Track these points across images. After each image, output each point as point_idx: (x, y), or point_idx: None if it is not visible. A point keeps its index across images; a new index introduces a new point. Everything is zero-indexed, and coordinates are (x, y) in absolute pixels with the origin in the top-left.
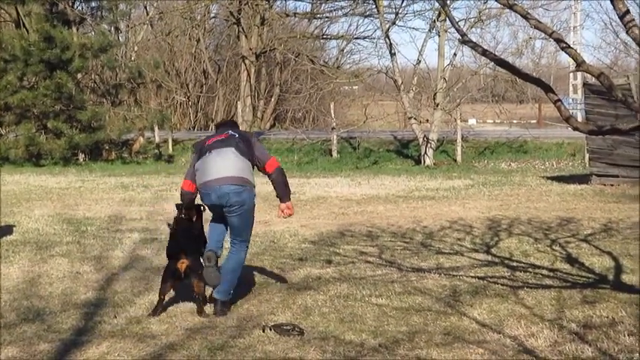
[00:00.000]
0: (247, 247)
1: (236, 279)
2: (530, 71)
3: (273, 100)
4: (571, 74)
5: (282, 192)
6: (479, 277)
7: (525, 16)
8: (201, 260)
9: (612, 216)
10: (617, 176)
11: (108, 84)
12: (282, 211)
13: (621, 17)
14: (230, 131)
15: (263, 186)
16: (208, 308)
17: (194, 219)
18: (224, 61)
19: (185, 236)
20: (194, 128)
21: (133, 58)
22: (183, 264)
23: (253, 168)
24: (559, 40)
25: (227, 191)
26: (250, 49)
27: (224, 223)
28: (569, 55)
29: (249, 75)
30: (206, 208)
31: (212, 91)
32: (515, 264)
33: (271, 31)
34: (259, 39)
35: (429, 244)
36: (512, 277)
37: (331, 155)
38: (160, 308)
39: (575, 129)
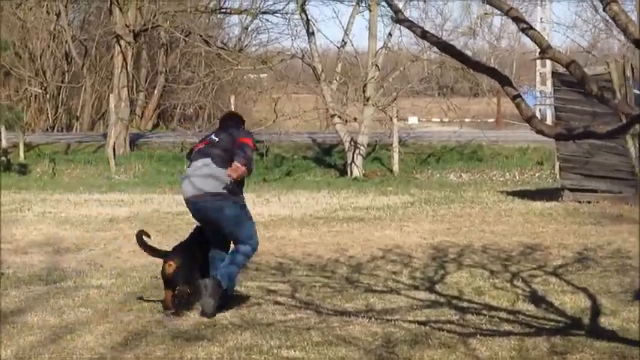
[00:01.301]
0: (250, 244)
1: (233, 271)
2: (487, 56)
3: (156, 92)
4: (538, 61)
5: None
6: (419, 322)
7: None
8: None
9: (589, 242)
10: (596, 191)
11: None
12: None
13: None
14: (213, 135)
15: (142, 205)
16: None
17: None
18: (93, 41)
19: (193, 240)
20: (53, 129)
21: None
22: (170, 266)
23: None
24: (518, 20)
25: (204, 209)
26: (127, 25)
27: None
28: (531, 39)
29: (125, 60)
30: None
31: (77, 81)
32: (465, 304)
33: (154, 3)
34: (138, 13)
35: (356, 279)
36: (462, 321)
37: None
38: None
39: (540, 132)
